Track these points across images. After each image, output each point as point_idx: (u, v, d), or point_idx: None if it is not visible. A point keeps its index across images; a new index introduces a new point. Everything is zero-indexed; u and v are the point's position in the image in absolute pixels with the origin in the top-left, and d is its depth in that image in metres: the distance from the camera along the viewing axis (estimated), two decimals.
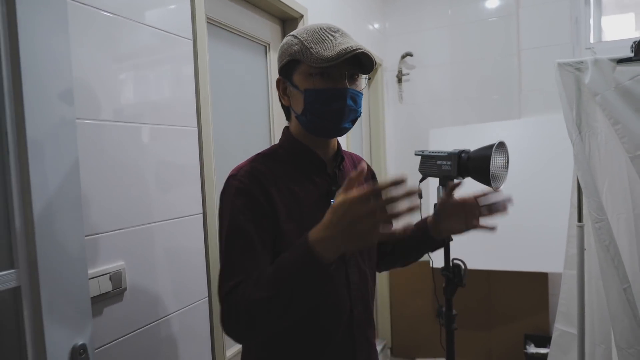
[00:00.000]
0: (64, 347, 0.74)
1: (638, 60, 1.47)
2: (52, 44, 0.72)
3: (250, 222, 0.87)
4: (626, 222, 1.57)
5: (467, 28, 2.97)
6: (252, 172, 0.91)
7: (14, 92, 0.67)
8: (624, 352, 1.45)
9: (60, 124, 0.73)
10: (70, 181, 0.75)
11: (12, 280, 0.68)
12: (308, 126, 0.92)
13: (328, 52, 0.86)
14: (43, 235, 0.70)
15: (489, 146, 1.57)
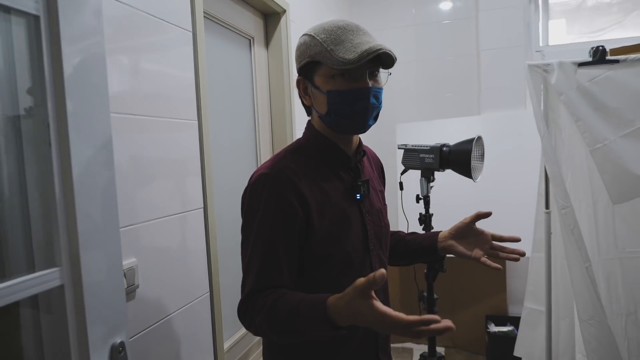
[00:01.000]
0: (105, 345, 0.73)
1: (595, 63, 1.64)
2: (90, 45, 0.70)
3: (279, 229, 0.89)
4: (586, 208, 1.75)
5: (431, 28, 3.11)
6: (284, 170, 0.92)
7: (56, 95, 0.65)
8: (585, 323, 1.62)
9: (99, 125, 0.72)
10: (106, 178, 0.73)
11: (56, 279, 0.66)
12: (333, 125, 0.95)
13: (349, 54, 0.87)
14: (84, 232, 0.68)
15: (469, 140, 1.69)
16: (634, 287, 1.74)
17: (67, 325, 0.67)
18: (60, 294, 0.67)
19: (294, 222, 0.89)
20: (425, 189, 1.80)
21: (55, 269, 0.66)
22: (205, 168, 1.31)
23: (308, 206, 0.90)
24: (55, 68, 0.65)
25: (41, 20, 0.63)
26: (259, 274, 0.89)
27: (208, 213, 1.32)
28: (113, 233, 0.75)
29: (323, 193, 0.94)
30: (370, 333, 1.01)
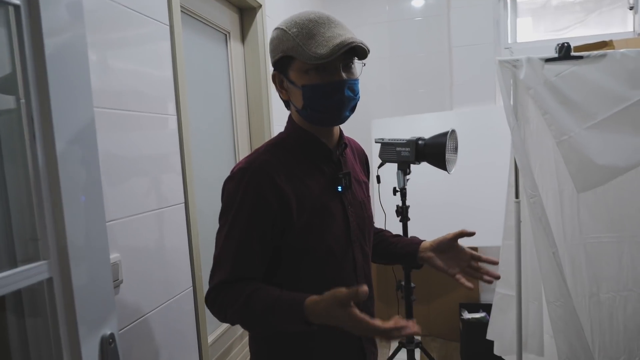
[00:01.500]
0: (95, 337, 0.73)
1: (561, 59, 1.72)
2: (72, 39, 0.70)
3: (254, 223, 0.91)
4: (553, 197, 1.84)
5: (404, 25, 3.16)
6: (263, 166, 0.92)
7: (39, 88, 0.65)
8: (552, 305, 1.71)
9: (82, 118, 0.72)
10: (92, 171, 0.74)
11: (45, 272, 0.66)
12: (310, 119, 0.96)
13: (321, 49, 0.87)
14: (71, 225, 0.69)
15: (443, 133, 1.75)
16: (597, 271, 1.85)
17: (57, 318, 0.68)
18: (49, 287, 0.67)
19: (269, 217, 0.91)
20: (402, 181, 1.85)
21: (44, 262, 0.66)
22: (186, 163, 1.31)
23: (286, 200, 0.92)
24: (37, 59, 0.65)
25: (22, 10, 0.63)
26: (232, 265, 0.91)
27: (189, 208, 1.32)
28: (100, 226, 0.75)
29: (303, 187, 0.95)
30: None
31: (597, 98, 1.66)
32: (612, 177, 1.69)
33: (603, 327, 1.88)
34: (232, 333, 1.79)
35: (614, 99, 1.64)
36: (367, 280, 1.07)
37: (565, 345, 1.71)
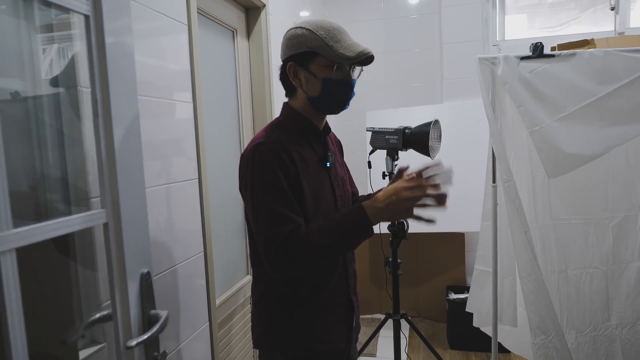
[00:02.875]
0: (136, 273, 0.93)
1: (534, 58, 1.91)
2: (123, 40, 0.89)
3: (284, 179, 1.08)
4: (526, 182, 2.04)
5: (398, 22, 3.35)
6: (278, 140, 1.12)
7: (101, 77, 0.84)
8: (525, 280, 1.91)
9: (130, 103, 0.91)
10: (135, 146, 0.93)
11: (102, 218, 0.86)
12: (318, 105, 1.17)
13: (348, 52, 1.09)
14: (122, 180, 0.88)
15: (427, 123, 1.94)
16: (565, 249, 2.05)
17: (111, 255, 0.87)
18: (106, 230, 0.87)
19: (290, 173, 1.10)
20: (390, 166, 2.05)
21: (102, 210, 0.86)
22: (200, 144, 1.51)
23: (295, 165, 1.12)
24: (100, 57, 0.84)
25: (90, 19, 0.82)
26: (287, 218, 1.06)
27: (202, 183, 1.52)
28: (140, 188, 0.95)
29: (303, 160, 1.16)
30: (343, 276, 1.24)
31: (567, 93, 1.85)
32: (579, 165, 1.88)
33: (571, 301, 2.08)
34: (234, 301, 2.00)
35: (581, 94, 1.83)
36: None
37: (536, 316, 1.91)
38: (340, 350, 1.26)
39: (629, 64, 1.77)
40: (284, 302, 1.20)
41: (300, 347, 1.19)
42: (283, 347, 1.19)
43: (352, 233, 1.08)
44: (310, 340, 1.19)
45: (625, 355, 2.01)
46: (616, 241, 2.01)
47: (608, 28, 3.27)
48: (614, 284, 2.03)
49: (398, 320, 2.16)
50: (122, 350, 0.89)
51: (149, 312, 0.95)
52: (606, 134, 1.78)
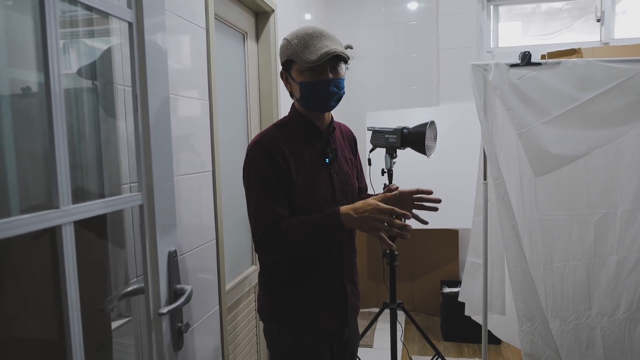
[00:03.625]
0: (165, 250, 1.06)
1: (523, 65, 2.05)
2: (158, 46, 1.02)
3: (275, 177, 1.24)
4: (515, 180, 2.18)
5: (397, 28, 3.50)
6: (273, 139, 1.27)
7: (140, 77, 0.98)
8: (513, 271, 2.04)
9: (163, 98, 1.04)
10: (167, 138, 1.06)
11: (139, 200, 0.99)
12: (306, 107, 1.30)
13: (312, 56, 1.21)
14: (156, 168, 1.01)
15: (424, 124, 2.08)
16: (550, 243, 2.19)
17: (145, 233, 1.00)
18: (141, 211, 1.00)
19: (281, 171, 1.24)
20: (389, 163, 2.19)
21: (139, 193, 0.99)
22: (214, 139, 1.64)
23: (287, 161, 1.25)
24: (140, 57, 0.97)
25: (133, 26, 0.95)
26: (272, 208, 1.22)
27: (216, 175, 1.65)
28: (170, 173, 1.08)
29: (300, 156, 1.29)
30: (337, 264, 1.36)
31: (552, 98, 1.99)
32: (563, 164, 2.02)
33: (555, 292, 2.22)
34: (241, 289, 2.13)
35: (565, 99, 1.97)
36: (349, 234, 1.39)
37: (523, 305, 2.04)
38: (331, 332, 1.37)
39: (609, 72, 1.92)
40: (282, 282, 1.34)
41: (291, 322, 1.33)
42: (278, 320, 1.34)
43: (325, 232, 1.21)
44: (300, 318, 1.33)
45: (604, 342, 2.15)
46: (597, 236, 2.16)
47: (595, 38, 3.42)
48: (595, 276, 2.17)
49: (395, 309, 2.29)
50: (152, 318, 1.02)
51: (175, 286, 1.08)
52: (588, 137, 1.92)
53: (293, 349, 1.31)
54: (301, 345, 1.31)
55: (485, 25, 3.41)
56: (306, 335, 1.32)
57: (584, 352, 2.15)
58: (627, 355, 2.13)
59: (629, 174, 2.10)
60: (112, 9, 0.91)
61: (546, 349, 2.01)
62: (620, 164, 2.11)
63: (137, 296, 1.14)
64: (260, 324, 2.37)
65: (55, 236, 0.75)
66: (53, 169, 0.74)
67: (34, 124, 0.89)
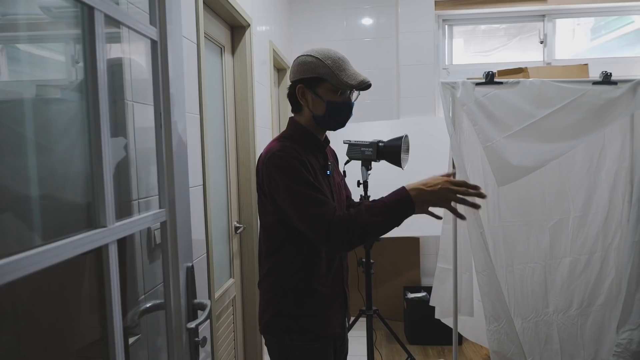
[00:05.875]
0: (184, 265, 1.05)
1: (487, 84, 2.23)
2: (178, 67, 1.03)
3: (309, 175, 1.27)
4: None
5: (359, 44, 3.63)
6: (292, 147, 1.31)
7: (163, 94, 0.98)
8: (480, 275, 2.20)
9: (181, 112, 1.04)
10: (183, 146, 1.06)
11: (164, 216, 0.98)
12: (322, 123, 1.36)
13: (351, 80, 1.30)
14: (177, 186, 1.01)
15: (398, 138, 2.19)
16: (511, 247, 2.38)
17: (168, 250, 1.00)
18: (163, 228, 0.99)
19: (310, 174, 1.28)
20: (365, 175, 2.27)
21: (163, 209, 0.98)
22: (205, 152, 1.63)
23: (309, 172, 1.29)
24: (164, 74, 0.97)
25: (158, 44, 0.95)
26: (322, 201, 1.24)
27: (206, 190, 1.64)
28: (186, 189, 1.08)
29: (311, 166, 1.34)
30: (339, 270, 1.43)
31: (512, 114, 2.18)
32: (523, 175, 2.21)
33: (516, 292, 2.41)
34: (221, 302, 2.10)
35: (524, 115, 2.17)
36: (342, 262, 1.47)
37: (490, 306, 2.20)
38: (337, 334, 1.44)
39: (560, 92, 2.14)
40: (292, 292, 1.36)
41: (302, 329, 1.36)
42: (290, 331, 1.36)
43: (397, 210, 1.22)
44: (313, 325, 1.37)
45: (560, 337, 2.36)
46: (552, 240, 2.37)
47: (535, 56, 3.76)
48: (551, 276, 2.38)
49: (371, 315, 2.36)
50: (174, 333, 1.01)
51: (193, 301, 1.07)
52: (545, 150, 2.13)
53: (305, 356, 1.34)
54: (313, 352, 1.34)
55: (441, 43, 3.63)
56: (316, 341, 1.35)
57: (543, 347, 2.35)
58: (580, 347, 2.35)
59: (579, 183, 2.34)
60: (136, 25, 0.90)
61: (512, 346, 2.18)
62: (571, 174, 2.35)
63: (150, 313, 1.11)
64: (239, 337, 2.35)
65: (101, 254, 0.74)
66: (100, 187, 0.73)
67: (73, 136, 0.86)
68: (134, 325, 1.04)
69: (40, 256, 0.59)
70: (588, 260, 2.35)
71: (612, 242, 2.34)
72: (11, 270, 0.53)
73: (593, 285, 2.36)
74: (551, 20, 3.65)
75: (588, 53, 3.78)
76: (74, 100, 0.89)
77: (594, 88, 2.15)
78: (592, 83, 2.15)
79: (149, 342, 1.16)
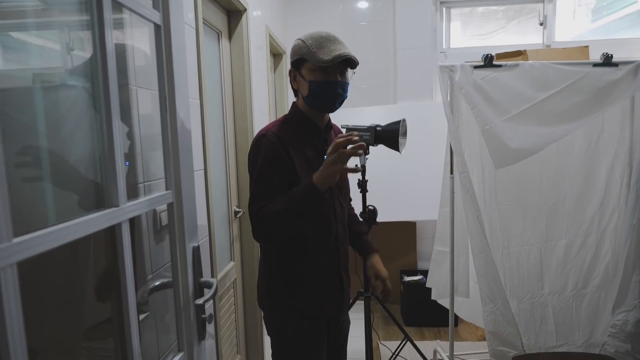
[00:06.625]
0: (190, 245, 1.07)
1: (486, 67, 2.23)
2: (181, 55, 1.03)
3: (274, 168, 1.30)
4: (477, 173, 2.37)
5: (355, 28, 3.61)
6: (277, 133, 1.33)
7: (167, 78, 0.98)
8: (477, 257, 2.23)
9: (184, 95, 1.05)
10: (187, 129, 1.07)
11: (170, 198, 1.00)
12: (310, 104, 1.37)
13: (325, 56, 1.29)
14: (183, 169, 1.03)
15: (396, 122, 2.20)
16: (507, 229, 2.41)
17: (175, 230, 1.01)
18: (170, 209, 1.01)
19: (284, 165, 1.31)
20: (363, 159, 2.28)
21: (169, 191, 1.00)
22: (205, 137, 1.64)
23: (291, 157, 1.32)
24: (167, 58, 0.98)
25: (162, 29, 0.96)
26: (267, 198, 1.28)
27: (207, 173, 1.65)
28: (191, 171, 1.09)
29: (301, 152, 1.36)
30: (333, 255, 1.45)
31: (511, 97, 2.19)
32: (522, 158, 2.22)
33: (512, 274, 2.45)
34: (222, 284, 2.14)
35: (523, 98, 2.18)
36: (343, 225, 1.49)
37: (486, 287, 2.24)
38: (329, 317, 1.47)
39: (560, 74, 2.15)
40: (284, 272, 1.41)
41: (292, 308, 1.40)
42: (280, 307, 1.41)
43: (301, 199, 1.25)
44: (301, 305, 1.41)
45: (555, 318, 2.41)
46: (548, 222, 2.41)
47: (535, 39, 3.75)
48: (546, 258, 2.42)
49: (369, 297, 2.40)
50: (182, 310, 1.03)
51: (199, 280, 1.10)
52: (543, 133, 2.15)
53: (295, 333, 1.38)
54: (303, 330, 1.38)
55: (438, 26, 3.62)
56: (307, 320, 1.39)
57: (539, 328, 2.40)
58: (575, 329, 2.40)
59: (576, 166, 2.36)
60: (140, 9, 0.91)
61: (507, 327, 2.23)
62: (569, 156, 2.37)
63: (159, 291, 1.14)
64: (240, 319, 2.39)
65: (114, 233, 0.76)
66: (112, 168, 0.74)
67: (83, 122, 0.87)
68: (143, 303, 1.07)
69: (57, 233, 0.61)
70: (583, 243, 2.39)
71: (608, 225, 2.37)
72: (34, 245, 0.55)
73: (588, 268, 2.41)
74: (551, 1, 3.64)
75: (589, 35, 3.76)
76: (86, 87, 0.89)
77: (595, 70, 2.15)
78: (592, 65, 2.15)
79: (157, 319, 1.19)
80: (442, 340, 3.04)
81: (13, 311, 0.52)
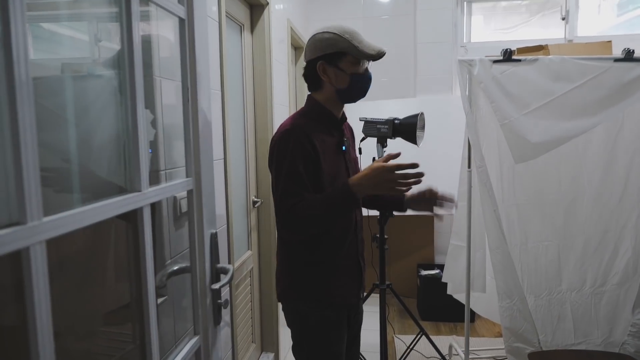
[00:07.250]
0: (208, 232, 1.11)
1: (505, 61, 2.21)
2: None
3: (302, 164, 1.32)
4: (495, 168, 2.35)
5: (376, 21, 3.60)
6: (302, 127, 1.35)
7: (190, 69, 1.02)
8: (494, 252, 2.23)
9: (206, 86, 1.09)
10: (208, 119, 1.11)
11: (190, 185, 1.04)
12: (345, 96, 1.40)
13: (370, 51, 1.35)
14: (203, 157, 1.07)
15: (414, 115, 2.21)
16: (525, 225, 2.39)
17: (194, 216, 1.06)
18: (190, 196, 1.05)
19: (311, 160, 1.33)
20: (380, 152, 2.29)
21: (190, 178, 1.04)
22: (225, 128, 1.68)
23: (316, 150, 1.35)
24: (190, 51, 1.01)
25: (186, 22, 1.00)
26: (297, 193, 1.31)
27: (227, 163, 1.70)
28: (211, 159, 1.13)
29: (324, 144, 1.39)
30: (353, 242, 1.48)
31: (531, 92, 2.16)
32: (542, 153, 2.20)
33: (530, 270, 2.43)
34: (240, 273, 2.19)
35: (543, 92, 2.16)
36: (360, 211, 1.54)
37: (503, 283, 2.23)
38: (351, 304, 1.50)
39: (580, 69, 2.11)
40: (307, 263, 1.43)
41: (317, 298, 1.43)
42: (304, 298, 1.43)
43: (338, 205, 1.31)
44: (326, 294, 1.43)
45: (573, 315, 2.38)
46: (566, 218, 2.38)
47: (557, 33, 3.67)
48: (565, 255, 2.39)
49: (384, 290, 2.43)
50: (199, 294, 1.08)
51: (216, 266, 1.14)
52: (564, 127, 2.12)
53: (320, 323, 1.41)
54: (328, 320, 1.41)
55: (459, 20, 3.58)
56: (331, 309, 1.42)
57: (556, 325, 2.38)
58: (594, 326, 2.37)
59: (595, 162, 2.33)
60: (166, 3, 0.94)
61: (524, 323, 2.22)
62: (588, 153, 2.33)
63: (177, 276, 1.19)
64: (256, 308, 2.44)
65: (137, 217, 0.80)
66: (136, 155, 0.78)
67: (110, 110, 0.92)
68: (161, 286, 1.11)
69: (83, 214, 0.65)
70: (601, 239, 2.35)
71: (627, 222, 2.33)
72: (61, 225, 0.59)
73: (606, 265, 2.37)
74: None
75: (613, 30, 3.67)
76: (113, 77, 0.94)
77: (616, 65, 2.11)
78: (613, 60, 2.11)
79: (174, 303, 1.24)
80: (458, 336, 3.04)
81: (41, 286, 0.56)
